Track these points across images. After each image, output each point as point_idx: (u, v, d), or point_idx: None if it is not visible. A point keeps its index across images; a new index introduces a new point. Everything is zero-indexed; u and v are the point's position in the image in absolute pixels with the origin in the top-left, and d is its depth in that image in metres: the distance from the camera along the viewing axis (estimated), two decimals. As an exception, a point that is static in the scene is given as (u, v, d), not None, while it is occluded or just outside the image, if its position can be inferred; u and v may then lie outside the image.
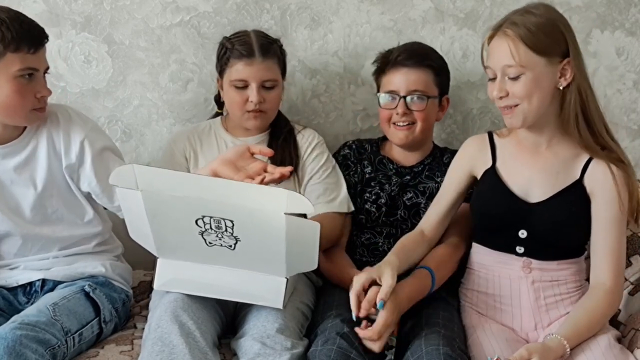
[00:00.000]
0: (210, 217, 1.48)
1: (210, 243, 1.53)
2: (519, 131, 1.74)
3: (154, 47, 2.18)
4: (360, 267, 1.87)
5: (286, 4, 2.17)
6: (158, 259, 1.61)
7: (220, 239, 1.52)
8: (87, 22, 2.15)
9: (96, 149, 1.77)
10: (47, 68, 1.73)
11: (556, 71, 1.62)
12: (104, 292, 1.77)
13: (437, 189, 1.92)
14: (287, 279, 1.59)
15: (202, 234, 1.52)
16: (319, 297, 1.84)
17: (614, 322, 1.75)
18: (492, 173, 1.75)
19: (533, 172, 1.71)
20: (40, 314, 1.58)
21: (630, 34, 2.21)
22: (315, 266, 1.57)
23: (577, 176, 1.69)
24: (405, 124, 1.95)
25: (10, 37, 1.61)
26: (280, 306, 1.60)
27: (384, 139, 2.08)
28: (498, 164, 1.76)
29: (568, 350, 1.57)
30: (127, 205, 1.55)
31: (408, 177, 1.99)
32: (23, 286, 1.77)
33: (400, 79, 1.93)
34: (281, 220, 1.45)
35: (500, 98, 1.64)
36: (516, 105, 1.64)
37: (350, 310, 1.68)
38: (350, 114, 2.25)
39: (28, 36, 1.65)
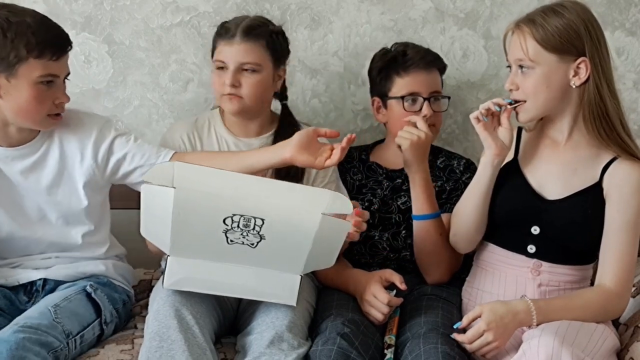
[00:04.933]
0: (241, 216, 1.47)
1: (231, 241, 1.52)
2: (543, 121, 1.73)
3: (154, 47, 2.18)
4: (358, 267, 1.88)
5: (286, 4, 2.17)
6: (168, 257, 1.57)
7: (244, 237, 1.51)
8: (87, 22, 2.16)
9: (108, 141, 1.75)
10: (68, 74, 1.71)
11: (569, 69, 1.61)
12: (105, 293, 1.76)
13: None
14: (302, 277, 1.59)
15: (226, 232, 1.50)
16: (319, 298, 1.84)
17: (614, 323, 1.73)
18: (513, 166, 1.75)
19: (551, 167, 1.70)
20: (41, 317, 1.58)
21: (630, 34, 2.21)
22: (332, 264, 1.58)
23: (597, 178, 1.66)
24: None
25: (34, 43, 1.59)
26: (294, 303, 1.60)
27: (375, 144, 2.07)
28: (520, 157, 1.76)
29: (534, 317, 1.55)
30: (149, 203, 1.53)
31: (399, 181, 1.96)
32: (24, 285, 1.76)
33: (422, 81, 1.91)
34: (316, 220, 1.46)
35: (510, 91, 1.66)
36: (523, 101, 1.64)
37: (349, 311, 1.69)
38: (350, 114, 2.25)
39: (52, 43, 1.63)
